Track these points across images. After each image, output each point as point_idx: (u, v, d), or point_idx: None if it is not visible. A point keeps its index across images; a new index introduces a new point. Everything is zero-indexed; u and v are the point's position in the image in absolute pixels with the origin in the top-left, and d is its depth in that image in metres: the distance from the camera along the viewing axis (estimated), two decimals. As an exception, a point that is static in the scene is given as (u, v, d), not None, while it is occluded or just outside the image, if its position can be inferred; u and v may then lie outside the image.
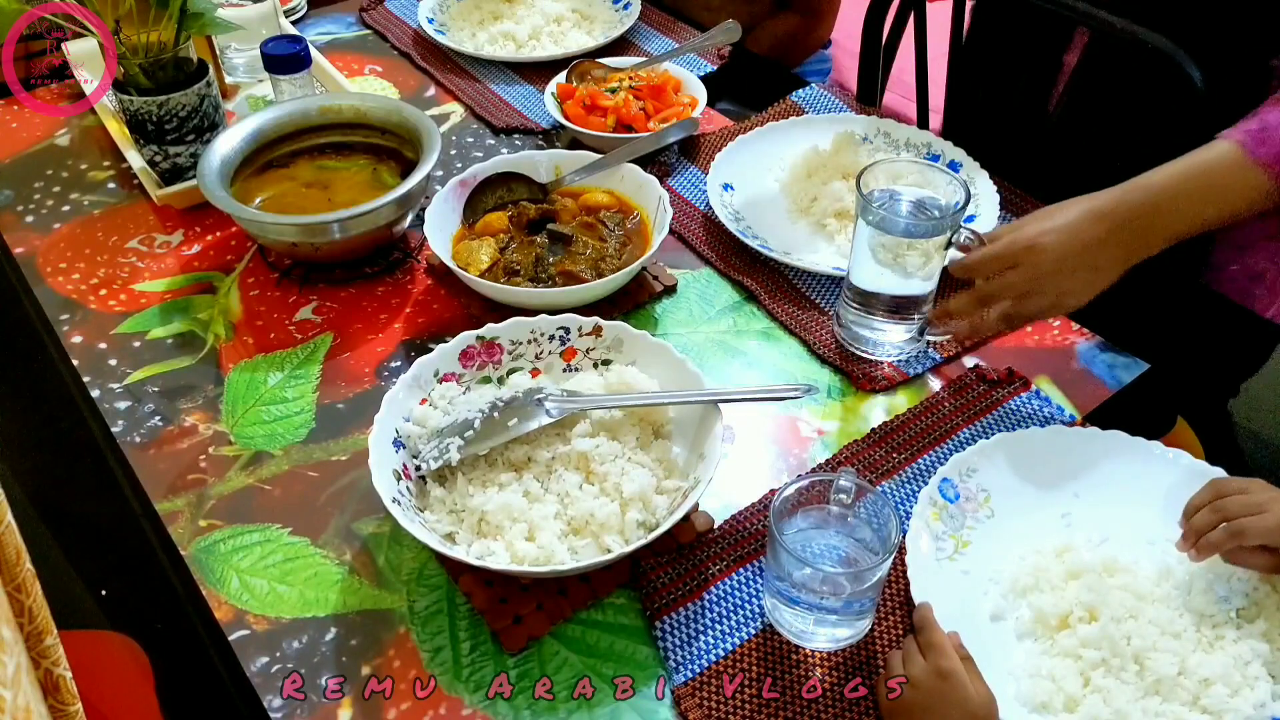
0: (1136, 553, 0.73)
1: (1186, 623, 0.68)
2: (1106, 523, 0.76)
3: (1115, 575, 0.71)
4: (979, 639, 0.68)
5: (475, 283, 0.92)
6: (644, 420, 0.80)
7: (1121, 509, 0.76)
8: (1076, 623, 0.69)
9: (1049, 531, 0.76)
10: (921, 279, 0.84)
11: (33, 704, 0.44)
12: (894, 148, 1.11)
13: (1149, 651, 0.66)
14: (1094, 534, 0.75)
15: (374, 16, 1.43)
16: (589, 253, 0.96)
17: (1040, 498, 0.78)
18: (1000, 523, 0.76)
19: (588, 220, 1.00)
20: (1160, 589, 0.71)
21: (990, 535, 0.76)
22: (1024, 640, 0.70)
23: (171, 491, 0.80)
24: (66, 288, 0.99)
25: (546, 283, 0.94)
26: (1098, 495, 0.77)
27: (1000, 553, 0.74)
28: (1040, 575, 0.72)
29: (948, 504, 0.76)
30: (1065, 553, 0.73)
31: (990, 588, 0.73)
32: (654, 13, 1.43)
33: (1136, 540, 0.74)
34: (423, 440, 0.77)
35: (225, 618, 0.71)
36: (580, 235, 0.98)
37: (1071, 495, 0.78)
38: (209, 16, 1.02)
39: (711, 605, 0.72)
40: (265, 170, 1.04)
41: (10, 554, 0.46)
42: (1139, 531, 0.75)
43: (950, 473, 0.77)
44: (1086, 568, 0.71)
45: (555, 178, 1.05)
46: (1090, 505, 0.77)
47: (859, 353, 0.90)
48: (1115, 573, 0.71)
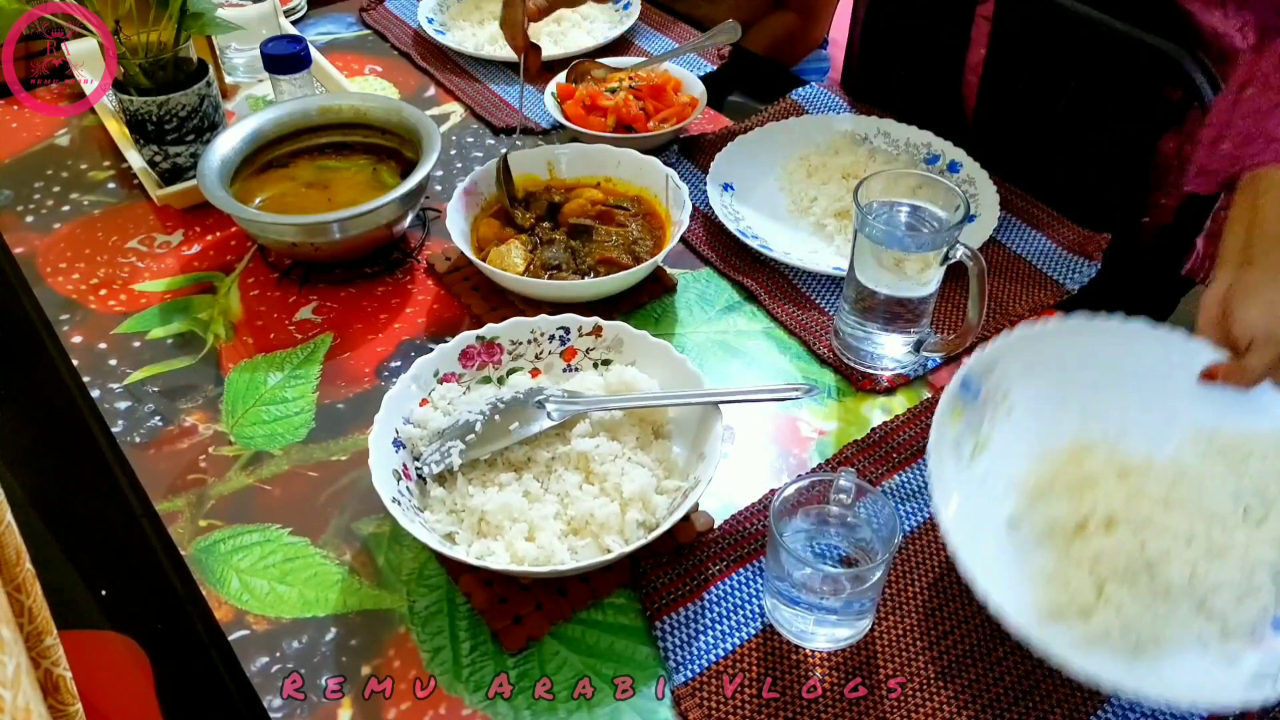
0: (1152, 449, 0.73)
1: (1199, 528, 0.68)
2: (1125, 412, 0.76)
3: (1129, 478, 0.71)
4: (997, 546, 0.69)
5: (525, 283, 0.92)
6: (644, 420, 0.80)
7: (1140, 397, 0.76)
8: (1092, 532, 0.69)
9: (1066, 428, 0.76)
10: (920, 285, 0.84)
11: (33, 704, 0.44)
12: (894, 147, 1.11)
13: (1161, 560, 0.67)
14: (1111, 428, 0.75)
15: (374, 16, 1.43)
16: (615, 240, 0.97)
17: (1059, 390, 0.77)
18: (1018, 421, 0.76)
19: (600, 210, 1.01)
20: (1176, 493, 0.70)
21: (1008, 435, 0.76)
22: (1040, 548, 0.70)
23: (171, 491, 0.80)
24: (66, 288, 0.99)
25: (589, 274, 0.94)
26: (1117, 385, 0.77)
27: (1018, 453, 0.75)
28: (1056, 480, 0.72)
29: (969, 402, 0.76)
30: (1081, 454, 0.73)
31: (1007, 493, 0.73)
32: (654, 13, 1.43)
33: (1154, 432, 0.74)
34: (424, 442, 0.77)
35: (225, 618, 0.71)
36: (599, 226, 0.99)
37: (1090, 386, 0.77)
38: (209, 16, 1.02)
39: (711, 605, 0.72)
40: (265, 170, 1.04)
41: (10, 554, 0.46)
42: (1157, 422, 0.75)
43: (972, 369, 0.77)
44: (1101, 473, 0.72)
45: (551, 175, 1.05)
46: (1109, 395, 0.76)
47: (857, 366, 0.90)
48: (1129, 475, 0.71)
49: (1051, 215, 1.05)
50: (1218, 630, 0.66)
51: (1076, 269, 0.99)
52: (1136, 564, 0.67)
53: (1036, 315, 0.95)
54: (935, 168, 1.08)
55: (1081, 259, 0.99)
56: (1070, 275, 0.98)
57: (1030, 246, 1.02)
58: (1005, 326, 0.93)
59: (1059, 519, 0.70)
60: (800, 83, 1.27)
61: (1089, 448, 0.74)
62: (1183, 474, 0.72)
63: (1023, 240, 1.03)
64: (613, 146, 1.06)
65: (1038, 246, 1.02)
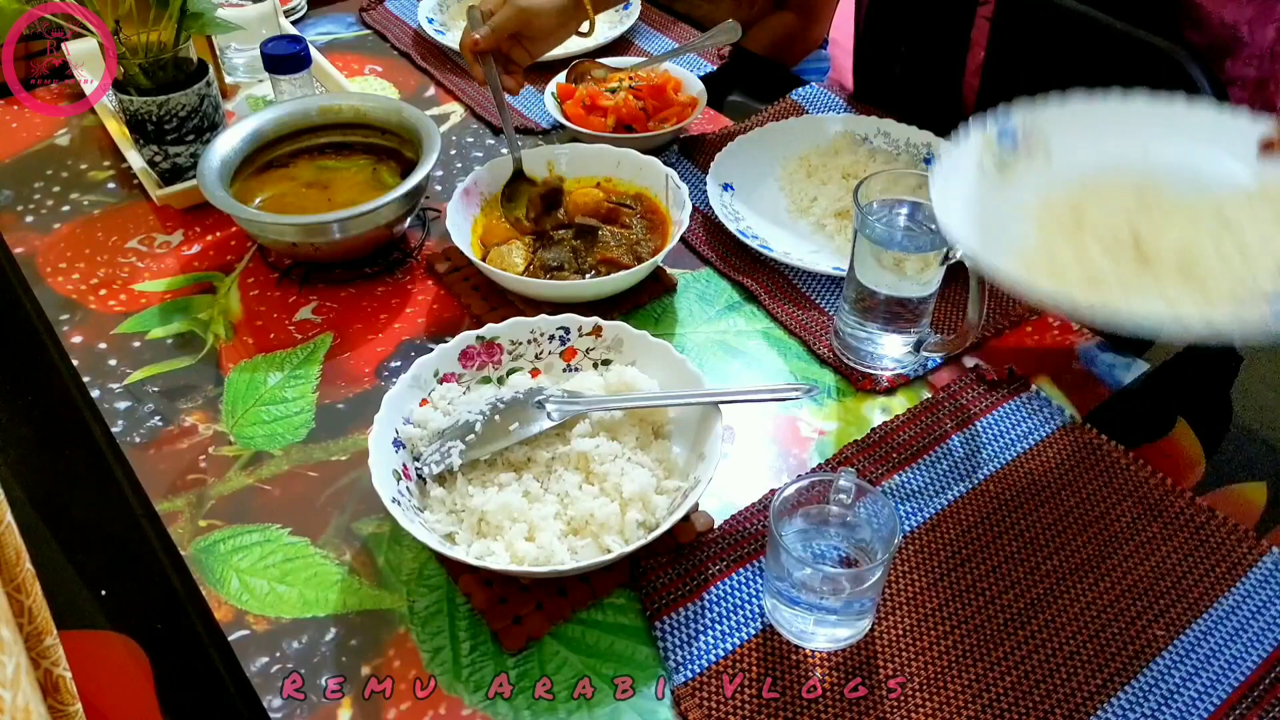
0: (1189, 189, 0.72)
1: (1202, 206, 0.68)
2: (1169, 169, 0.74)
3: (1147, 192, 0.71)
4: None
5: (525, 283, 0.92)
6: (644, 420, 0.80)
7: (1188, 161, 0.75)
8: (1089, 220, 0.69)
9: (1100, 171, 0.74)
10: (920, 285, 0.84)
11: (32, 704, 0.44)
12: (894, 147, 1.11)
13: (1154, 234, 0.67)
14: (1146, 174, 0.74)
15: (374, 16, 1.43)
16: (619, 240, 0.97)
17: (1102, 155, 0.75)
18: (1054, 165, 0.75)
19: (603, 209, 1.00)
20: (1190, 200, 0.70)
21: (1038, 171, 0.74)
22: (1043, 229, 0.70)
23: (171, 491, 0.80)
24: (66, 288, 0.99)
25: (590, 273, 0.94)
26: (1165, 159, 0.75)
27: (1045, 183, 0.73)
28: (1075, 191, 0.72)
29: (1005, 147, 0.74)
30: (1106, 183, 0.73)
31: (1017, 214, 0.72)
32: (654, 13, 1.43)
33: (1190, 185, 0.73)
34: (424, 442, 0.77)
35: (225, 618, 0.71)
36: (602, 226, 0.99)
37: (1140, 157, 0.76)
38: (209, 16, 1.02)
39: (711, 605, 0.72)
40: (265, 170, 1.04)
41: (10, 554, 0.46)
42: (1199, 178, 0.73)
43: (1013, 123, 0.75)
44: (1119, 186, 0.71)
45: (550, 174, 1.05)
46: (1155, 161, 0.75)
47: (857, 366, 0.90)
48: (1147, 190, 0.71)
49: (1051, 215, 1.05)
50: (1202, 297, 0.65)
51: (1076, 269, 0.99)
52: (1124, 238, 0.66)
53: (1036, 315, 0.95)
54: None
55: (1081, 259, 0.99)
56: (1070, 275, 0.98)
57: (1030, 246, 1.02)
58: (1005, 327, 0.93)
59: (1062, 213, 0.69)
60: (800, 83, 1.27)
61: (1117, 180, 0.72)
62: (1208, 197, 0.70)
63: (1023, 240, 1.03)
64: (613, 146, 1.06)
65: (1038, 246, 1.02)
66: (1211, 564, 0.74)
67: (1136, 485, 0.79)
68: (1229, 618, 0.71)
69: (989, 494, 0.79)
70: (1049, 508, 0.78)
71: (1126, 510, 0.78)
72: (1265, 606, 0.71)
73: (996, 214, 0.70)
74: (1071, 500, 0.78)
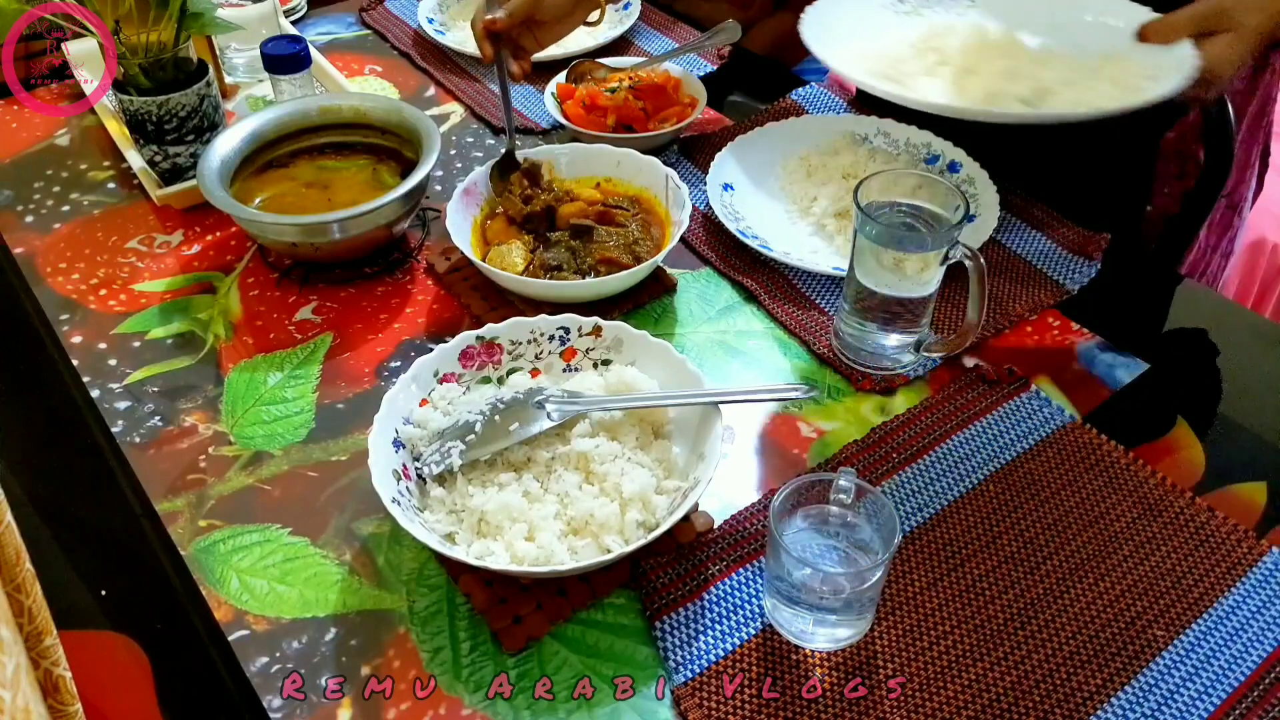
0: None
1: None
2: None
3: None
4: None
5: (525, 283, 0.92)
6: (644, 420, 0.80)
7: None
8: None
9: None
10: (920, 285, 0.84)
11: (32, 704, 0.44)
12: (894, 147, 1.11)
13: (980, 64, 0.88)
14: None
15: (374, 16, 1.43)
16: (616, 240, 0.97)
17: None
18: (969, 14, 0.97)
19: (599, 211, 1.00)
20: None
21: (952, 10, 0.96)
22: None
23: (171, 491, 0.80)
24: (66, 288, 0.99)
25: (589, 274, 0.94)
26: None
27: (951, 19, 0.94)
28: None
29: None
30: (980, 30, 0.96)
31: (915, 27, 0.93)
32: (654, 13, 1.43)
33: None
34: (424, 442, 0.77)
35: (225, 618, 0.71)
36: (599, 226, 0.99)
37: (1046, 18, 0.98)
38: (209, 16, 1.02)
39: (711, 605, 0.72)
40: (265, 170, 1.04)
41: (10, 554, 0.46)
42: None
43: None
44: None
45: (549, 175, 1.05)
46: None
47: (857, 366, 0.90)
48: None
49: (1051, 215, 1.05)
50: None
51: (1076, 269, 0.99)
52: (957, 63, 0.88)
53: (1036, 315, 0.95)
54: (935, 168, 1.08)
55: (1081, 259, 0.99)
56: (1070, 275, 0.98)
57: (1030, 246, 1.02)
58: (1005, 327, 0.93)
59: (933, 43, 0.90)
60: (800, 83, 1.27)
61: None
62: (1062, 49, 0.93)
63: (1022, 240, 1.03)
64: (613, 146, 1.06)
65: (1038, 246, 1.02)
66: (1211, 564, 0.74)
67: (1136, 485, 0.79)
68: (1229, 618, 0.71)
69: (989, 494, 0.79)
70: (1049, 508, 0.78)
71: (1126, 510, 0.78)
72: (1265, 606, 0.71)
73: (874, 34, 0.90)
74: (1071, 500, 0.78)
